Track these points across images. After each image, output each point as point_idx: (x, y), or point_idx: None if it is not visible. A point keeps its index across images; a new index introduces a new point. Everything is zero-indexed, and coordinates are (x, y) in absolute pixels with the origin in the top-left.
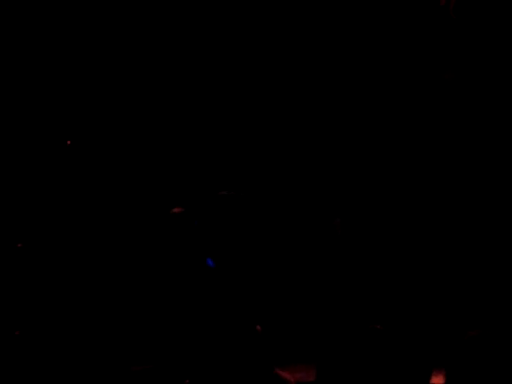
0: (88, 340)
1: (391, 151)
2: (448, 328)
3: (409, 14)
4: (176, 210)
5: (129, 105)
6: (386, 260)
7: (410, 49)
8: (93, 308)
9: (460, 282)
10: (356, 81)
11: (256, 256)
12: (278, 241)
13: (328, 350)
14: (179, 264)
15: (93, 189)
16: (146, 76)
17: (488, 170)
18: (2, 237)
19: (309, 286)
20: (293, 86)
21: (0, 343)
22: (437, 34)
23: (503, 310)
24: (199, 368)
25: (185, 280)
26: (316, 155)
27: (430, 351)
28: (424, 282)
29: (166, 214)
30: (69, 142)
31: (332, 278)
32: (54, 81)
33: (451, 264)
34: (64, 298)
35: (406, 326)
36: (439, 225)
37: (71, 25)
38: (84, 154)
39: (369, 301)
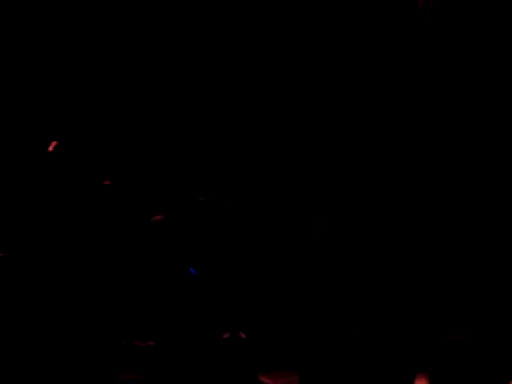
0: (73, 347)
1: (372, 157)
2: (431, 332)
3: (386, 18)
4: (157, 217)
5: (109, 112)
6: (367, 263)
7: (387, 51)
8: (77, 316)
9: (442, 287)
10: (333, 86)
11: (238, 262)
12: (260, 246)
13: (311, 356)
14: (162, 272)
15: (73, 197)
16: (126, 88)
17: (468, 174)
18: None
19: (291, 292)
20: (270, 95)
21: None
22: (414, 36)
23: (485, 315)
24: (184, 374)
25: (168, 287)
26: (297, 159)
27: (412, 355)
28: (406, 285)
29: (147, 222)
30: (53, 144)
31: (313, 281)
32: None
33: (433, 268)
34: (45, 306)
35: (388, 330)
36: (421, 227)
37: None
38: (66, 162)
39: (351, 305)
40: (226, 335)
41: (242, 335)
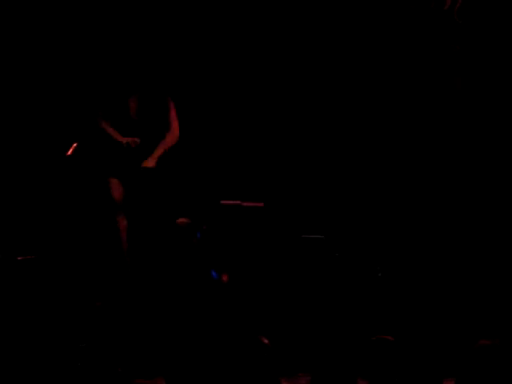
0: (89, 352)
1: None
2: (458, 337)
3: (412, 18)
4: (181, 221)
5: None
6: (393, 270)
7: (414, 51)
8: (95, 319)
9: (471, 292)
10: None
11: (260, 266)
12: (282, 250)
13: (336, 362)
14: (183, 275)
15: (94, 198)
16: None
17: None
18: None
19: (314, 297)
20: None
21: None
22: (441, 37)
23: None
24: (205, 379)
25: (189, 291)
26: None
27: (440, 361)
28: (434, 291)
29: (171, 225)
30: (75, 145)
31: (334, 288)
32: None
33: (462, 273)
34: (65, 307)
35: (416, 336)
36: (444, 231)
37: (72, 25)
38: (86, 162)
39: (378, 312)
40: (250, 340)
41: (266, 341)
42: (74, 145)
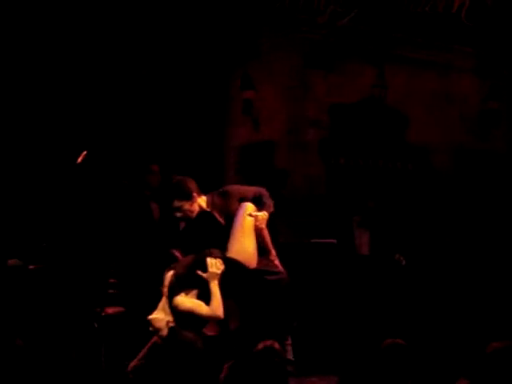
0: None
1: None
2: (472, 340)
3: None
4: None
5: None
6: (412, 275)
7: None
8: (94, 328)
9: (484, 294)
10: None
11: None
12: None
13: (352, 364)
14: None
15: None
16: None
17: None
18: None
19: (335, 301)
20: None
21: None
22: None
23: None
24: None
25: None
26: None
27: (453, 363)
28: (447, 294)
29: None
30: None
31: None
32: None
33: (474, 276)
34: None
35: (429, 339)
36: (463, 240)
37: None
38: (95, 169)
39: (391, 315)
40: (261, 346)
41: (277, 345)
42: (84, 153)
